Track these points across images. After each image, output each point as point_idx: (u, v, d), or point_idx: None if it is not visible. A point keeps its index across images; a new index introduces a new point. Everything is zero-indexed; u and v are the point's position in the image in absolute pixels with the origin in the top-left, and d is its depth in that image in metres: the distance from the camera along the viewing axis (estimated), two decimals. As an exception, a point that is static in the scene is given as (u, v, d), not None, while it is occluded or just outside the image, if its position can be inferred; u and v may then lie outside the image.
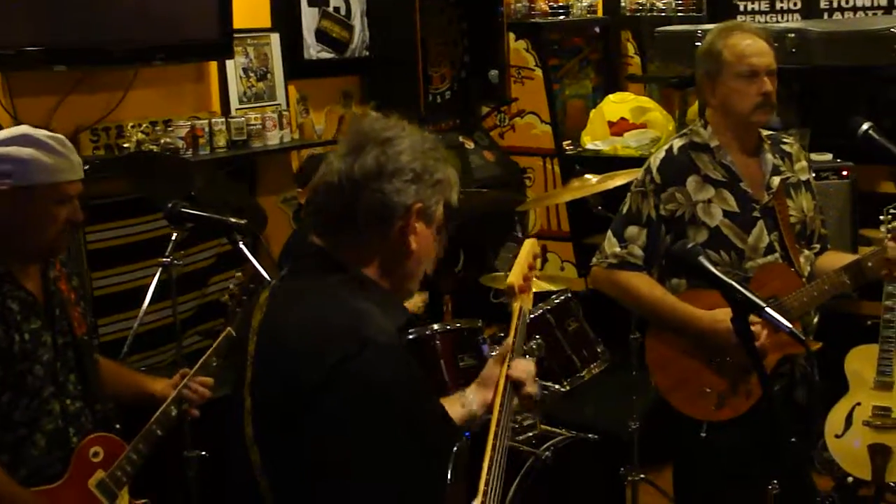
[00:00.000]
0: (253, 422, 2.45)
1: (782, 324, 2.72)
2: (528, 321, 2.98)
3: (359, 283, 2.48)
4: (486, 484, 2.56)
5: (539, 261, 3.13)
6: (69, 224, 3.48)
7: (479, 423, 2.81)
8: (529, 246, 3.06)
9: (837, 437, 5.68)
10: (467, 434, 2.74)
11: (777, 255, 3.88)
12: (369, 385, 2.30)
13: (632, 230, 3.93)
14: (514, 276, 2.95)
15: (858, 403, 5.65)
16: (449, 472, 2.51)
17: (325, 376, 2.29)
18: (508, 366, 2.79)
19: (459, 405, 2.84)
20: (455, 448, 2.56)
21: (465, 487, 2.58)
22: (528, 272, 3.01)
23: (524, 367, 2.82)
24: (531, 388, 2.82)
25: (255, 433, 2.44)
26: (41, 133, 3.41)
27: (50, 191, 3.38)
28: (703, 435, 3.87)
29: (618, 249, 3.95)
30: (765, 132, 3.99)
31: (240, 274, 4.00)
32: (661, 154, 3.97)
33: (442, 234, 2.62)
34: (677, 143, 3.97)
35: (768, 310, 2.73)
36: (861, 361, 5.66)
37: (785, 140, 4.09)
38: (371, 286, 2.49)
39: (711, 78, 3.88)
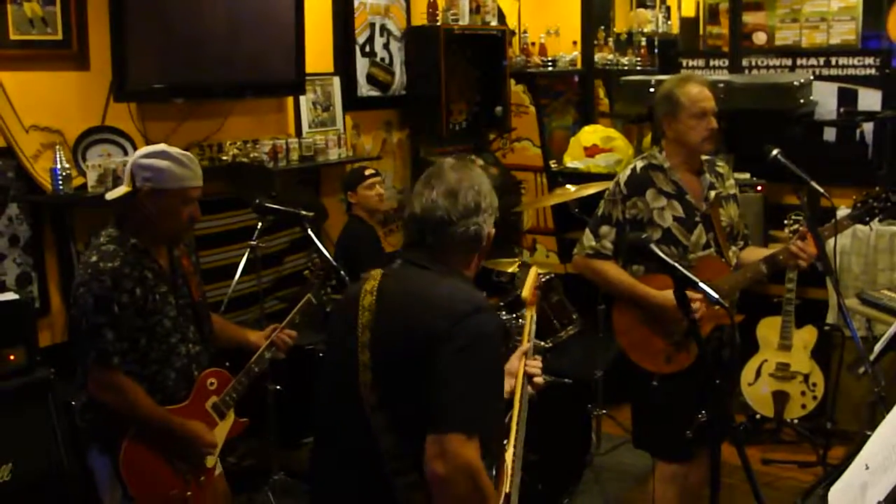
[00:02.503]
0: (373, 371, 2.46)
1: (712, 295, 2.71)
2: (535, 323, 3.06)
3: (459, 275, 2.57)
4: (515, 438, 2.66)
5: (540, 281, 3.25)
6: (191, 219, 3.54)
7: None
8: (534, 272, 3.17)
9: (750, 384, 5.71)
10: None
11: (712, 250, 3.88)
12: (482, 335, 2.41)
13: (604, 229, 3.92)
14: (527, 292, 3.06)
15: (766, 360, 5.69)
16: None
17: (450, 328, 2.38)
18: (526, 363, 2.87)
19: None
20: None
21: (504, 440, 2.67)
22: (535, 290, 3.12)
23: (536, 365, 2.90)
24: (539, 380, 2.89)
25: (374, 380, 2.45)
26: (175, 150, 3.47)
27: (178, 193, 3.44)
28: (655, 384, 3.87)
29: (594, 243, 3.93)
30: (703, 157, 3.97)
31: (315, 256, 4.01)
32: (627, 172, 3.95)
33: None
34: (639, 164, 3.96)
35: (701, 284, 2.74)
36: (768, 329, 5.69)
37: (718, 164, 4.08)
38: (464, 277, 2.59)
39: (669, 117, 3.86)
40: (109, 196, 3.51)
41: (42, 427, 4.10)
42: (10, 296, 4.19)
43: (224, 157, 5.41)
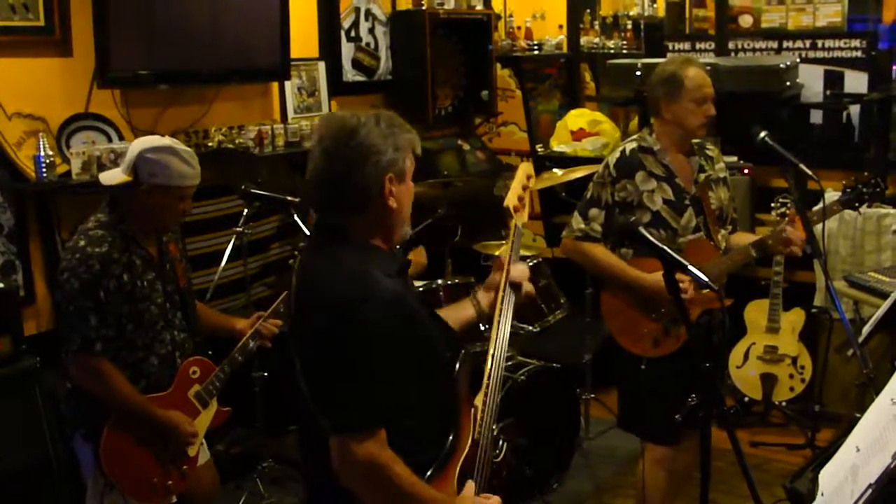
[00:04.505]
0: (300, 360, 2.47)
1: (701, 278, 2.70)
2: (522, 234, 2.91)
3: (360, 249, 2.46)
4: (489, 378, 2.62)
5: (533, 180, 3.01)
6: (182, 213, 3.59)
7: (487, 318, 2.81)
8: (522, 170, 2.98)
9: (738, 367, 5.73)
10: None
11: (701, 233, 3.87)
12: (370, 331, 2.32)
13: (593, 211, 3.91)
14: (510, 199, 2.90)
15: (754, 343, 5.70)
16: (455, 371, 2.55)
17: (338, 327, 2.33)
18: (507, 271, 2.77)
19: (471, 306, 2.85)
20: (461, 354, 2.58)
21: (469, 386, 2.62)
22: (523, 192, 2.95)
23: (521, 271, 2.81)
24: (527, 287, 2.82)
25: (302, 369, 2.47)
26: (179, 147, 3.49)
27: (178, 191, 3.48)
28: (643, 367, 3.87)
29: (583, 226, 3.92)
30: (694, 140, 3.96)
31: (303, 245, 3.98)
32: (617, 154, 3.94)
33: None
34: (629, 147, 3.94)
35: (690, 267, 2.73)
36: (756, 312, 5.70)
37: (708, 147, 4.07)
38: (369, 249, 2.48)
39: (669, 98, 3.83)
40: (105, 181, 3.49)
41: (28, 416, 4.09)
42: (-5, 284, 4.18)
43: (209, 144, 5.38)
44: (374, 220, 2.49)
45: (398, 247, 2.68)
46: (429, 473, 2.43)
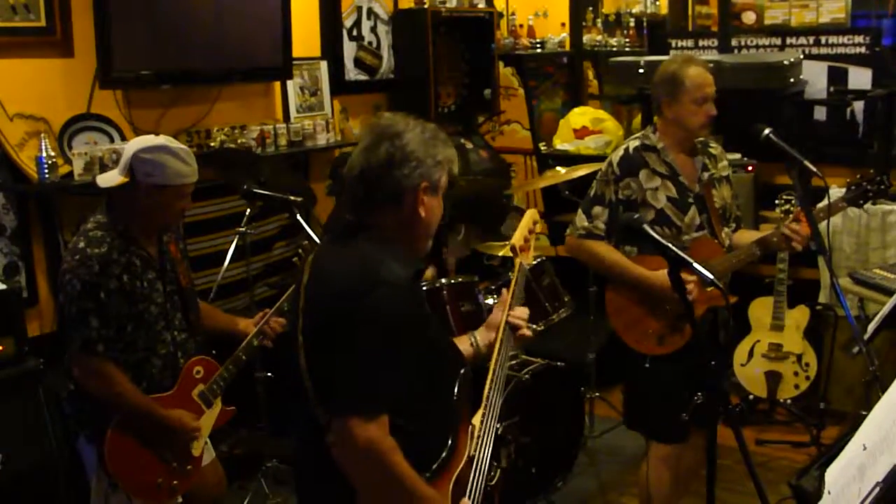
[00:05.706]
0: (304, 354, 2.47)
1: (706, 275, 2.70)
2: (527, 274, 2.94)
3: (380, 242, 2.48)
4: (487, 399, 2.61)
5: (539, 225, 3.08)
6: (182, 212, 3.57)
7: (483, 358, 2.79)
8: (530, 214, 3.04)
9: (742, 365, 5.72)
10: None
11: (705, 231, 3.86)
12: (380, 314, 2.34)
13: (597, 209, 3.90)
14: (516, 239, 2.94)
15: (758, 340, 5.69)
16: (456, 387, 2.55)
17: (349, 309, 2.34)
18: (508, 313, 2.78)
19: (469, 344, 2.84)
20: (462, 371, 2.58)
21: (470, 404, 2.61)
22: (528, 235, 2.99)
23: (520, 314, 2.81)
24: (525, 331, 2.82)
25: (306, 363, 2.47)
26: (174, 144, 3.47)
27: (176, 189, 3.45)
28: (647, 365, 3.86)
29: (586, 224, 3.91)
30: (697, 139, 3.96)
31: (306, 243, 3.97)
32: (620, 152, 3.93)
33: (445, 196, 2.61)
34: (633, 145, 3.93)
35: (694, 264, 2.73)
36: (761, 309, 5.69)
37: (712, 145, 4.06)
38: (389, 244, 2.49)
39: (670, 98, 3.82)
40: (102, 183, 3.48)
41: (32, 417, 4.09)
42: (-2, 286, 4.17)
43: (212, 144, 5.39)
44: (401, 225, 2.52)
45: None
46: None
